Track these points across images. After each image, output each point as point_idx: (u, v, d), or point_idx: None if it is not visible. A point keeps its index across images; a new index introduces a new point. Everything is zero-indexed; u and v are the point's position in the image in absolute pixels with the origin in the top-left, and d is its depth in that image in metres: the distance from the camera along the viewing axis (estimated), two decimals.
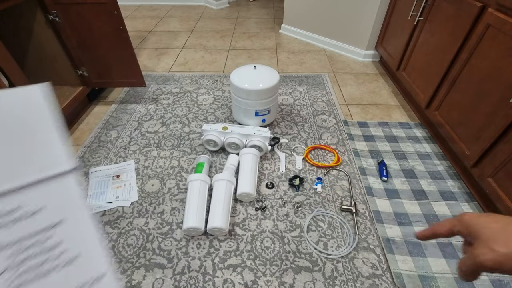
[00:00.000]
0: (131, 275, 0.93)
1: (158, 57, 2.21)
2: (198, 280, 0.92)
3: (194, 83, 1.88)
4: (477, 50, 1.09)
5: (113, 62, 1.49)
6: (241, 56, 2.22)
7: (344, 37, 2.18)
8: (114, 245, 1.01)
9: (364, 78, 1.95)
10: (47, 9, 1.30)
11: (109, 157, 1.35)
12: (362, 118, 1.60)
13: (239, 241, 1.02)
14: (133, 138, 1.45)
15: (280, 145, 1.40)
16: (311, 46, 2.36)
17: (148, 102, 1.71)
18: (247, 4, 3.32)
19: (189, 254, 0.99)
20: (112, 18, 1.31)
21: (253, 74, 1.36)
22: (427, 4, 1.39)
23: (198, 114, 1.61)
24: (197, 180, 1.09)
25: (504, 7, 0.98)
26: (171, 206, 1.14)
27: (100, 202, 1.15)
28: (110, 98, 1.75)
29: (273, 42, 2.42)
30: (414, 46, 1.54)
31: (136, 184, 1.22)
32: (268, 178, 1.24)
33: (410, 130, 1.50)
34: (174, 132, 1.49)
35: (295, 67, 2.08)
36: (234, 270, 0.94)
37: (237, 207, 1.13)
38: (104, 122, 1.56)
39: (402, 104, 1.70)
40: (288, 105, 1.67)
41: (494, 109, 1.01)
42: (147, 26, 2.72)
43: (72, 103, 1.46)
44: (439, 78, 1.31)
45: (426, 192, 1.18)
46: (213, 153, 1.36)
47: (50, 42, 1.39)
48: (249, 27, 2.71)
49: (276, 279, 0.92)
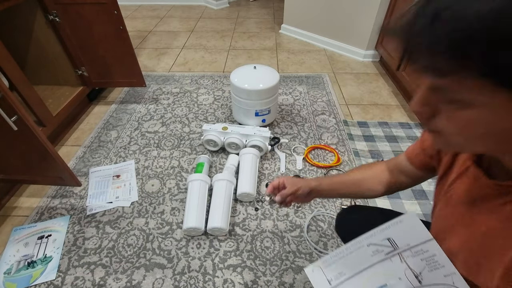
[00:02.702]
0: (131, 275, 0.93)
1: (158, 57, 2.21)
2: (198, 280, 0.92)
3: (194, 83, 1.88)
4: None
5: (113, 62, 1.48)
6: (241, 56, 2.22)
7: (344, 37, 2.18)
8: (114, 245, 1.01)
9: (364, 78, 1.95)
10: (47, 9, 1.30)
11: (109, 157, 1.35)
12: (362, 118, 1.60)
13: (239, 241, 1.02)
14: (133, 138, 1.45)
15: (280, 145, 1.40)
16: (311, 46, 2.36)
17: (148, 102, 1.71)
18: (247, 4, 3.32)
19: (189, 254, 0.99)
20: (112, 18, 1.31)
21: (253, 74, 1.36)
22: None
23: (198, 114, 1.61)
24: (197, 180, 1.09)
25: None
26: (171, 206, 1.14)
27: (100, 202, 1.15)
28: (110, 98, 1.75)
29: (273, 42, 2.42)
30: None
31: (136, 184, 1.22)
32: (268, 178, 1.24)
33: (410, 130, 1.50)
34: (174, 132, 1.49)
35: (295, 67, 2.08)
36: (234, 270, 0.94)
37: (237, 207, 1.13)
38: (104, 122, 1.56)
39: (402, 104, 1.70)
40: (288, 105, 1.67)
41: None
42: (147, 26, 2.72)
43: (72, 103, 1.46)
44: None
45: (426, 192, 1.18)
46: (213, 153, 1.36)
47: (50, 42, 1.39)
48: (249, 27, 2.71)
49: (276, 279, 0.92)
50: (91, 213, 1.11)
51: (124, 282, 0.92)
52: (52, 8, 1.30)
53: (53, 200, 1.16)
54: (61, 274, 0.94)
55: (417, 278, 0.39)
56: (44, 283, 0.92)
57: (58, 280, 0.92)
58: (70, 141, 1.45)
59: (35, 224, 1.08)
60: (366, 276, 0.39)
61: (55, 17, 1.32)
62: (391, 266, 0.39)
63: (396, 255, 0.39)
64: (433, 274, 0.37)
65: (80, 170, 1.29)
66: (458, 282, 0.38)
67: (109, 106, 1.68)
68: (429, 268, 0.38)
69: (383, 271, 0.39)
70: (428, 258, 0.39)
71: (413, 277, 0.38)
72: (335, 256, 0.39)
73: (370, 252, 0.39)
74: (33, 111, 1.19)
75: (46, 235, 1.04)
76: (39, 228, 1.06)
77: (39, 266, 0.95)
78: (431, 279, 0.37)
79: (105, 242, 1.02)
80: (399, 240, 0.39)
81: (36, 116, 1.21)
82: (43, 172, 1.06)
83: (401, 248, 0.39)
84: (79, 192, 1.19)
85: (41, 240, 1.03)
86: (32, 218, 1.10)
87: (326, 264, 0.39)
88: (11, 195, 1.18)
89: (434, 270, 0.38)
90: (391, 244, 0.39)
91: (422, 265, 0.38)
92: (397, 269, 0.39)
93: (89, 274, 0.94)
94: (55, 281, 0.92)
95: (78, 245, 1.01)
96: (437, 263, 0.38)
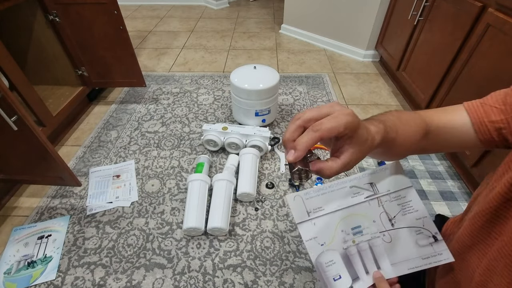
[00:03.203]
0: (131, 275, 0.93)
1: (158, 57, 2.21)
2: (198, 280, 0.92)
3: (194, 83, 1.88)
4: (477, 50, 1.09)
5: (113, 62, 1.48)
6: (241, 56, 2.22)
7: (344, 37, 2.18)
8: (114, 245, 1.01)
9: (364, 78, 1.95)
10: (47, 9, 1.30)
11: (109, 157, 1.35)
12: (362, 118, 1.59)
13: (239, 241, 1.02)
14: (133, 138, 1.45)
15: (280, 145, 1.40)
16: (311, 46, 2.36)
17: (148, 102, 1.71)
18: (247, 4, 3.32)
19: (189, 254, 0.99)
20: (112, 18, 1.31)
21: (253, 74, 1.36)
22: (427, 4, 1.39)
23: (198, 114, 1.61)
24: (197, 180, 1.09)
25: (504, 7, 0.98)
26: (171, 206, 1.14)
27: (100, 202, 1.15)
28: (110, 98, 1.75)
29: (273, 42, 2.42)
30: (414, 46, 1.54)
31: (136, 184, 1.22)
32: (268, 178, 1.24)
33: None
34: (174, 132, 1.49)
35: (295, 67, 2.08)
36: (234, 270, 0.94)
37: (237, 207, 1.13)
38: (104, 122, 1.56)
39: (402, 104, 1.70)
40: (288, 105, 1.67)
41: None
42: (147, 26, 2.72)
43: (72, 103, 1.46)
44: (439, 78, 1.31)
45: (426, 192, 1.18)
46: (213, 153, 1.36)
47: (50, 42, 1.39)
48: (249, 27, 2.71)
49: (276, 279, 0.92)
50: (91, 213, 1.11)
51: (124, 282, 0.92)
52: (52, 8, 1.30)
53: (53, 200, 1.16)
54: (61, 274, 0.94)
55: (391, 221, 0.41)
56: (44, 283, 0.92)
57: (58, 280, 0.92)
58: (70, 141, 1.45)
59: (35, 224, 1.08)
60: (343, 216, 0.41)
61: (55, 17, 1.32)
62: (369, 209, 0.41)
63: (375, 199, 0.41)
64: (406, 218, 0.41)
65: (80, 170, 1.29)
66: (428, 225, 0.41)
67: (109, 106, 1.68)
68: (403, 212, 0.41)
69: (360, 213, 0.41)
70: (404, 204, 0.41)
71: (387, 220, 0.41)
72: (318, 191, 0.41)
73: (351, 193, 0.41)
74: (33, 111, 1.19)
75: (46, 235, 1.04)
76: (39, 228, 1.06)
77: (39, 266, 0.95)
78: (403, 222, 0.41)
79: (105, 242, 1.02)
80: (380, 186, 0.42)
81: (36, 116, 1.21)
82: (43, 172, 1.06)
83: (381, 193, 0.42)
84: (79, 192, 1.19)
85: (41, 240, 1.03)
86: (32, 218, 1.10)
87: (307, 196, 0.40)
88: (11, 195, 1.18)
89: (407, 214, 0.41)
90: (372, 188, 0.42)
91: (397, 210, 0.41)
92: (373, 212, 0.41)
93: (89, 274, 0.94)
94: (55, 281, 0.92)
95: (78, 245, 1.01)
96: (412, 208, 0.41)
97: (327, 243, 0.40)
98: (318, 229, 0.40)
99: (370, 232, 0.42)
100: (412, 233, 0.42)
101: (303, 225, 0.40)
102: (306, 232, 0.40)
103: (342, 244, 0.41)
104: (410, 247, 0.42)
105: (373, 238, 0.42)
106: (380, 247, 0.42)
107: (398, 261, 0.42)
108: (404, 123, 0.40)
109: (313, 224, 0.40)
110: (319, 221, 0.41)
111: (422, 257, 0.42)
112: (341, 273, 0.40)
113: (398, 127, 0.39)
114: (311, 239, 0.40)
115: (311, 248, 0.40)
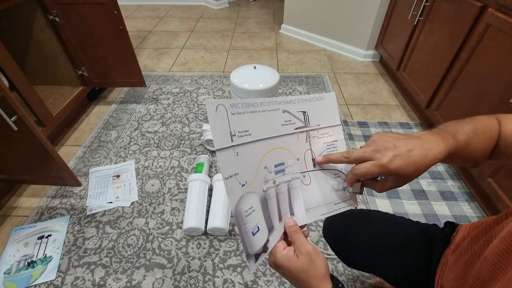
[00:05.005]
0: (131, 275, 0.93)
1: (158, 57, 2.21)
2: (198, 280, 0.92)
3: (194, 83, 1.88)
4: (477, 50, 1.09)
5: (113, 62, 1.48)
6: (241, 56, 2.22)
7: (344, 37, 2.18)
8: (114, 245, 1.01)
9: (364, 78, 1.95)
10: (47, 9, 1.29)
11: (109, 157, 1.35)
12: (362, 118, 1.60)
13: (239, 241, 1.02)
14: (133, 138, 1.45)
15: None
16: (311, 46, 2.36)
17: (148, 102, 1.71)
18: (247, 4, 3.32)
19: (189, 254, 0.99)
20: (112, 18, 1.31)
21: (253, 74, 1.36)
22: (427, 4, 1.39)
23: (198, 114, 1.61)
24: (197, 180, 1.09)
25: (504, 7, 0.98)
26: (171, 206, 1.14)
27: (100, 202, 1.15)
28: (110, 98, 1.75)
29: (273, 42, 2.42)
30: (414, 46, 1.54)
31: (136, 184, 1.22)
32: None
33: (410, 130, 1.50)
34: (174, 132, 1.49)
35: (295, 67, 2.08)
36: (234, 270, 0.94)
37: None
38: (104, 122, 1.56)
39: (402, 104, 1.70)
40: None
41: (494, 109, 1.01)
42: (147, 26, 2.72)
43: (72, 103, 1.46)
44: (439, 78, 1.31)
45: (426, 192, 1.18)
46: (213, 153, 1.36)
47: (50, 42, 1.39)
48: (249, 27, 2.71)
49: (276, 279, 0.92)
50: (91, 213, 1.11)
51: (124, 282, 0.92)
52: (52, 8, 1.30)
53: (53, 200, 1.16)
54: (61, 274, 0.94)
55: (313, 161, 0.40)
56: (44, 283, 0.92)
57: (58, 280, 0.92)
58: (70, 141, 1.45)
59: (35, 224, 1.08)
60: (269, 147, 0.36)
61: (55, 17, 1.32)
62: (296, 144, 0.38)
63: (304, 133, 0.39)
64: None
65: (80, 170, 1.29)
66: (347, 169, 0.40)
67: (109, 106, 1.68)
68: (327, 152, 0.40)
69: (286, 148, 0.37)
70: (329, 143, 0.40)
71: (310, 159, 0.39)
72: (247, 106, 0.33)
73: (282, 120, 0.37)
74: (33, 111, 1.19)
75: (46, 235, 1.04)
76: (39, 228, 1.06)
77: (39, 266, 0.95)
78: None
79: (105, 242, 1.02)
80: (312, 117, 0.39)
81: (36, 116, 1.21)
82: (43, 172, 1.06)
83: (311, 126, 0.39)
84: (79, 192, 1.19)
85: (41, 240, 1.03)
86: (32, 218, 1.10)
87: (234, 110, 0.32)
88: (11, 195, 1.18)
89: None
90: (304, 118, 0.39)
91: (322, 149, 0.40)
92: (300, 148, 0.39)
93: (89, 274, 0.94)
94: (55, 281, 0.92)
95: (78, 245, 1.01)
96: (336, 149, 0.41)
97: (248, 182, 0.34)
98: (240, 162, 0.33)
99: (292, 172, 0.38)
100: (331, 176, 0.40)
101: (224, 154, 0.32)
102: (227, 165, 0.32)
103: (263, 185, 0.35)
104: (327, 191, 0.40)
105: (293, 179, 0.38)
106: (298, 189, 0.38)
107: (312, 206, 0.40)
108: (479, 134, 0.38)
109: (235, 154, 0.33)
110: (243, 150, 0.33)
111: (335, 202, 0.41)
112: (259, 223, 0.34)
113: (470, 140, 0.37)
114: (231, 176, 0.32)
115: (230, 190, 0.32)
